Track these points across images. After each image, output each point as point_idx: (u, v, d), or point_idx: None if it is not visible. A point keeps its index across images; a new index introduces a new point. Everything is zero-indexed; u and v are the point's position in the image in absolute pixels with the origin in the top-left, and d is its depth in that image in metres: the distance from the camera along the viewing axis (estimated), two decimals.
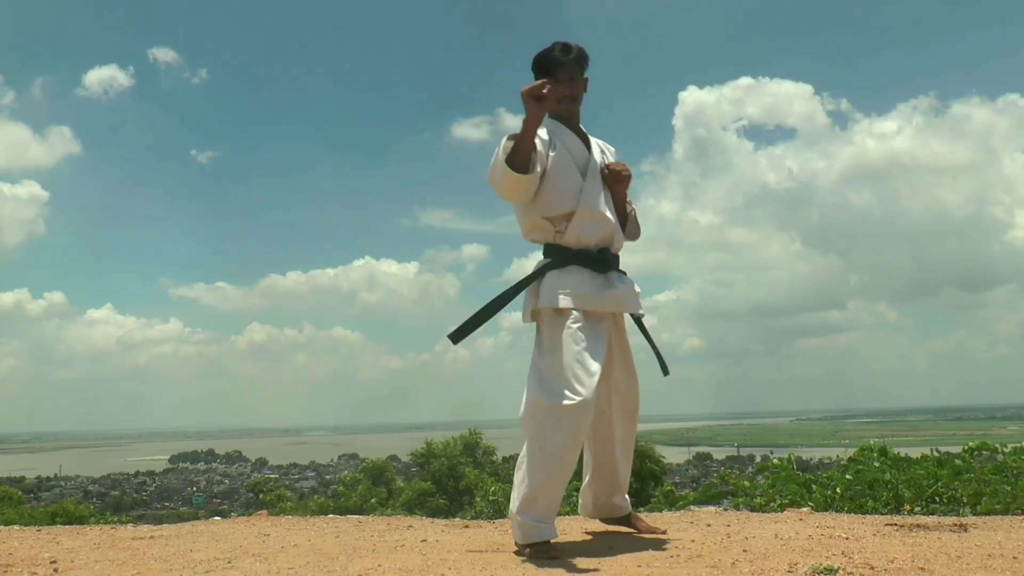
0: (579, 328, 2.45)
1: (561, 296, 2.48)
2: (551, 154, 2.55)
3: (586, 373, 2.38)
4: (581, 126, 2.69)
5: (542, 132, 2.56)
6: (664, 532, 2.76)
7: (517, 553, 2.41)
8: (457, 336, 2.58)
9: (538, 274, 2.57)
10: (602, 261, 2.58)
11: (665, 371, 2.83)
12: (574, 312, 2.48)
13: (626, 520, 2.81)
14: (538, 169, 2.47)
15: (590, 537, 2.73)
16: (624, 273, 2.67)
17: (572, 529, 2.90)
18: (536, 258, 2.68)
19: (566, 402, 2.35)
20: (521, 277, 2.61)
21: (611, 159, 2.72)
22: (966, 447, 4.33)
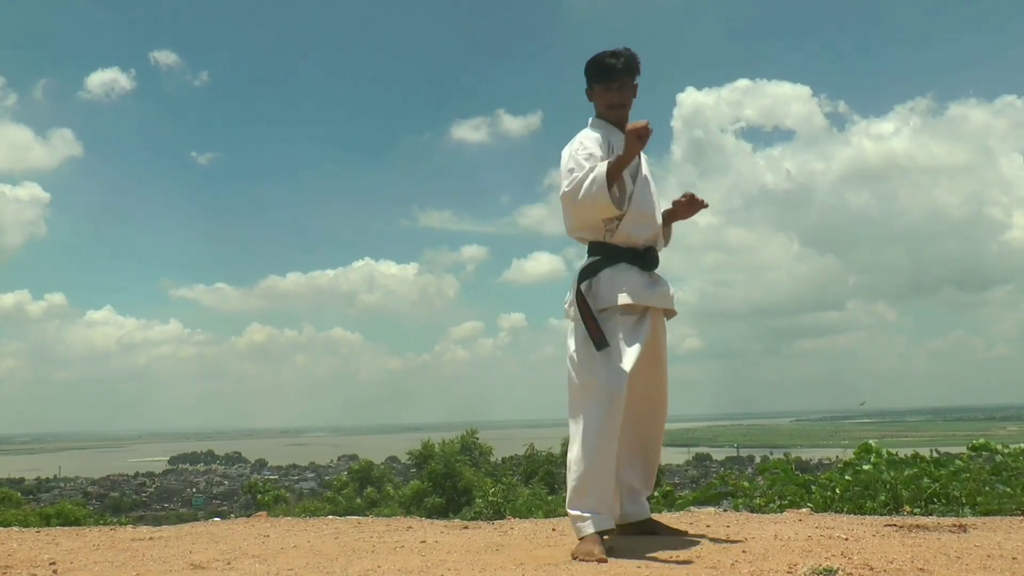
0: (619, 322, 2.52)
1: (617, 292, 2.55)
2: (608, 159, 2.59)
3: (622, 362, 2.45)
4: None
5: (597, 136, 2.64)
6: (686, 533, 2.75)
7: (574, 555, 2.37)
8: (600, 343, 2.53)
9: (591, 271, 2.61)
10: (650, 259, 2.65)
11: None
12: (617, 308, 2.53)
13: (646, 525, 2.77)
14: (624, 207, 2.58)
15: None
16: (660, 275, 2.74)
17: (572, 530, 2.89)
18: (535, 259, 2.74)
19: (602, 392, 2.41)
20: (522, 277, 2.69)
21: (644, 164, 2.74)
22: (970, 445, 4.34)
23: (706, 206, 2.72)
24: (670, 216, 2.79)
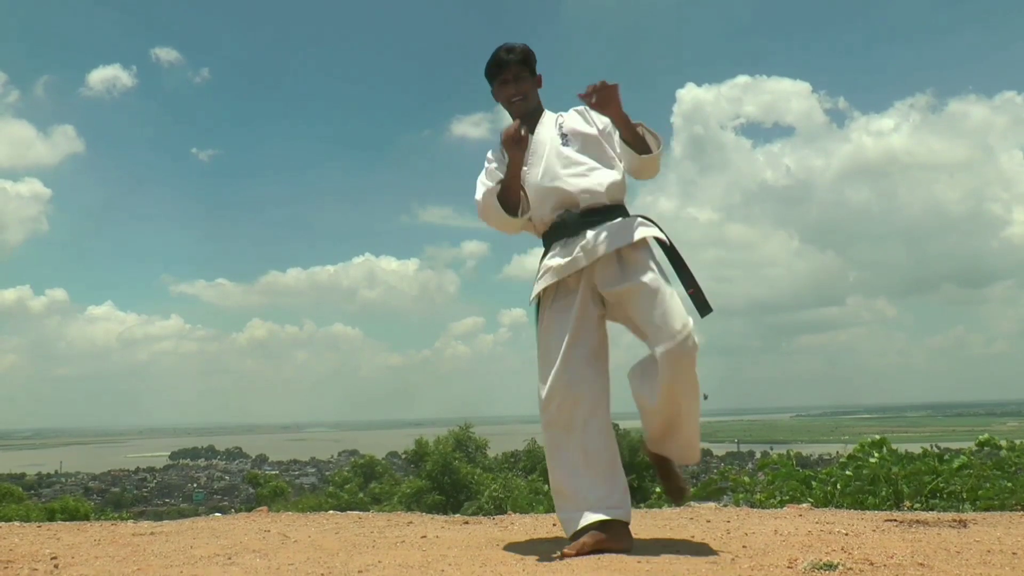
0: (548, 313, 2.49)
1: (536, 283, 2.52)
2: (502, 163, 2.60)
3: (551, 359, 2.41)
4: (548, 111, 2.68)
5: (495, 154, 2.65)
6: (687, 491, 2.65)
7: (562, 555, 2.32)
8: (704, 308, 2.42)
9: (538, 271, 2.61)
10: (565, 226, 2.50)
11: (703, 309, 2.43)
12: (551, 294, 2.50)
13: (666, 464, 2.58)
14: (528, 215, 2.55)
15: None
16: (611, 220, 2.47)
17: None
18: (535, 255, 2.72)
19: (541, 394, 2.43)
20: (522, 273, 2.72)
21: (578, 117, 2.63)
22: (978, 440, 4.35)
23: (606, 89, 2.38)
24: (614, 124, 2.51)
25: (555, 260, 2.47)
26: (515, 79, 2.61)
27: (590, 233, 2.44)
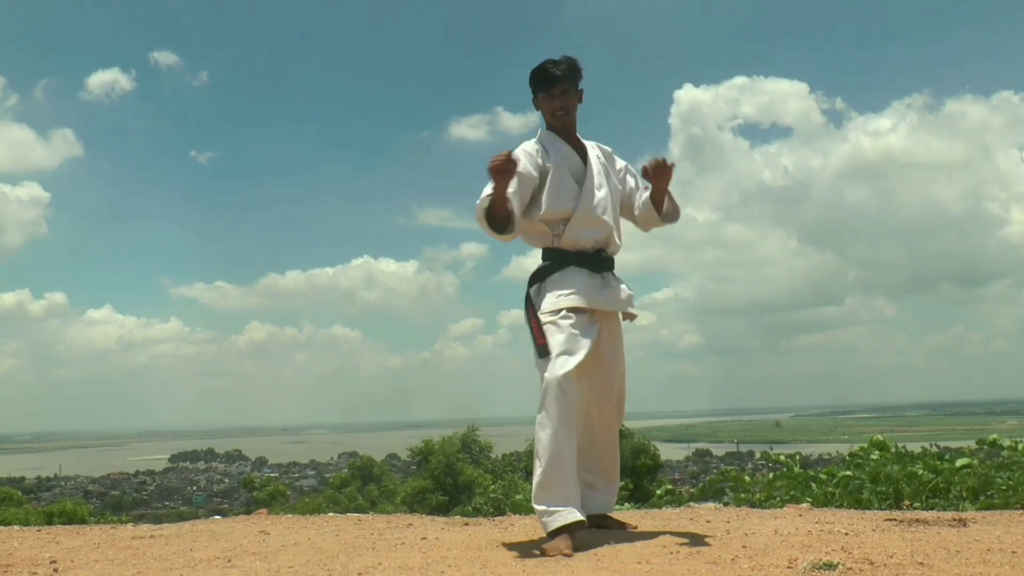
0: (569, 317, 2.56)
1: (561, 296, 2.59)
2: (547, 164, 2.69)
3: (569, 353, 2.49)
4: (579, 135, 2.81)
5: (534, 145, 2.73)
6: (635, 527, 2.79)
7: (540, 551, 2.37)
8: (542, 351, 2.59)
9: (540, 275, 2.70)
10: (599, 261, 2.70)
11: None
12: (568, 311, 2.57)
13: (596, 520, 2.75)
14: (515, 231, 2.65)
15: (590, 532, 2.73)
16: (617, 276, 2.78)
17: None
18: (534, 256, 2.77)
19: (555, 389, 2.44)
20: (521, 275, 2.72)
21: (606, 160, 2.83)
22: (978, 440, 4.35)
23: (670, 164, 2.69)
24: (655, 192, 2.76)
25: (584, 287, 2.61)
26: (562, 94, 2.71)
27: (618, 284, 2.73)
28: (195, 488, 67.04)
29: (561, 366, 2.47)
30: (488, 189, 2.61)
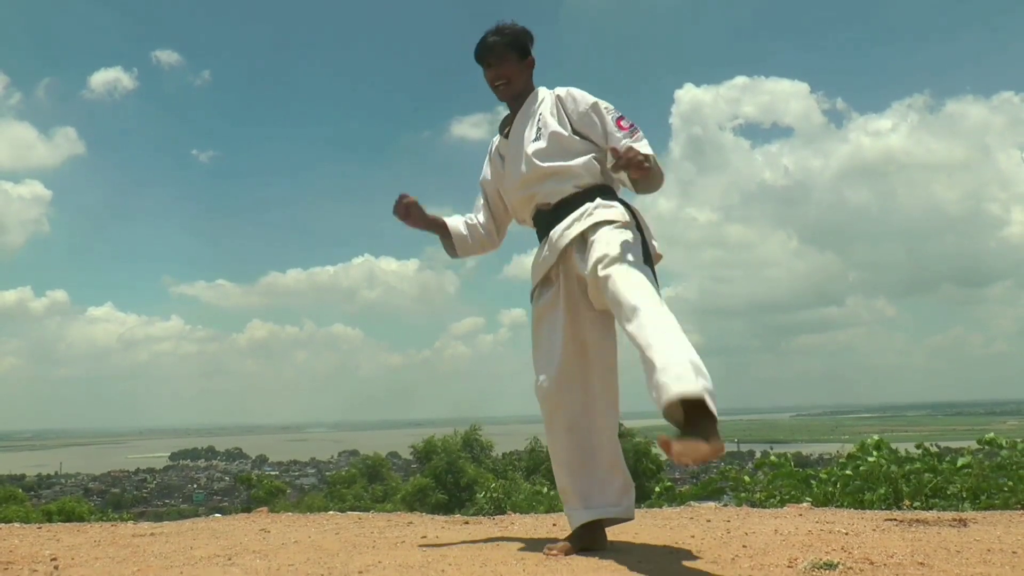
0: (535, 310, 2.47)
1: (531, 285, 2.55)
2: (490, 175, 2.67)
3: (540, 357, 2.41)
4: (539, 89, 2.55)
5: (495, 140, 2.68)
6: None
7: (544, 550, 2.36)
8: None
9: None
10: (541, 226, 2.47)
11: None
12: (537, 294, 2.48)
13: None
14: (463, 255, 2.71)
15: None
16: (580, 208, 2.37)
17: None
18: (535, 255, 2.72)
19: (537, 391, 2.43)
20: (522, 273, 2.71)
21: (555, 105, 2.50)
22: (979, 440, 4.35)
23: (636, 158, 2.18)
24: (633, 182, 2.33)
25: (535, 260, 2.48)
26: (499, 62, 2.49)
27: (556, 227, 2.38)
28: (195, 486, 67.10)
29: (538, 366, 2.42)
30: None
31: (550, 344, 2.38)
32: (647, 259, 2.30)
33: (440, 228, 2.67)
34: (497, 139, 2.67)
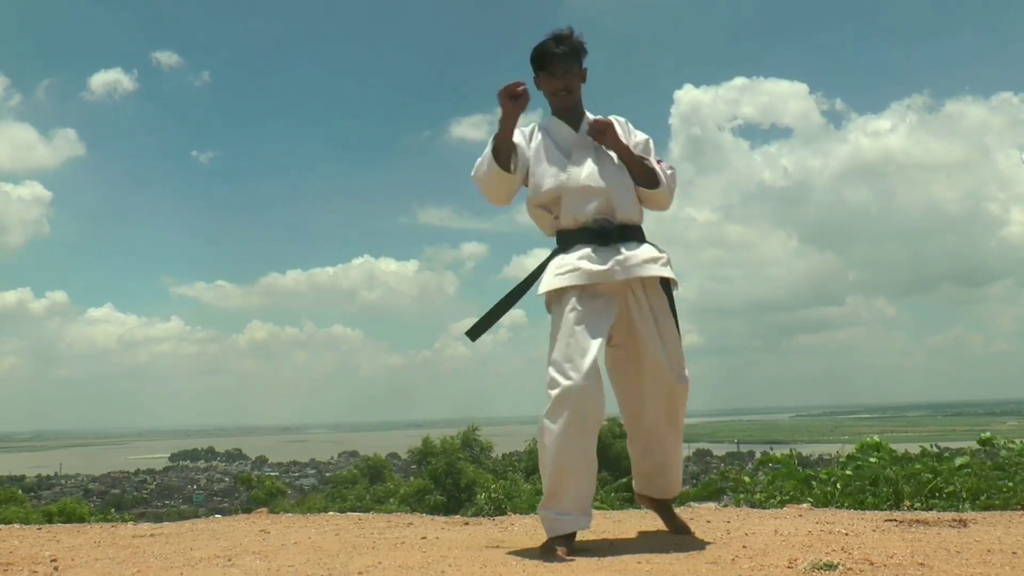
0: (575, 309, 2.40)
1: (557, 277, 2.45)
2: (531, 144, 2.60)
3: (579, 355, 2.33)
4: (587, 111, 2.65)
5: (520, 129, 2.62)
6: (692, 534, 2.64)
7: (540, 552, 2.35)
8: (475, 333, 2.59)
9: (545, 262, 2.56)
10: (602, 233, 2.49)
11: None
12: (575, 293, 2.42)
13: (660, 506, 2.69)
14: (517, 173, 2.55)
15: (591, 532, 2.73)
16: (643, 242, 2.55)
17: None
18: (535, 256, 2.73)
19: (555, 391, 2.31)
20: (522, 274, 2.62)
21: (625, 138, 2.64)
22: (980, 439, 4.35)
23: (603, 123, 2.53)
24: (618, 154, 2.59)
25: (585, 263, 2.43)
26: (564, 73, 2.56)
27: (626, 250, 2.48)
28: (195, 487, 67.05)
29: (564, 371, 2.31)
30: (488, 146, 2.54)
31: (587, 345, 2.35)
32: None
33: (510, 141, 2.56)
34: (551, 122, 2.63)
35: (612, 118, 2.65)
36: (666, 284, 2.56)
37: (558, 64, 2.55)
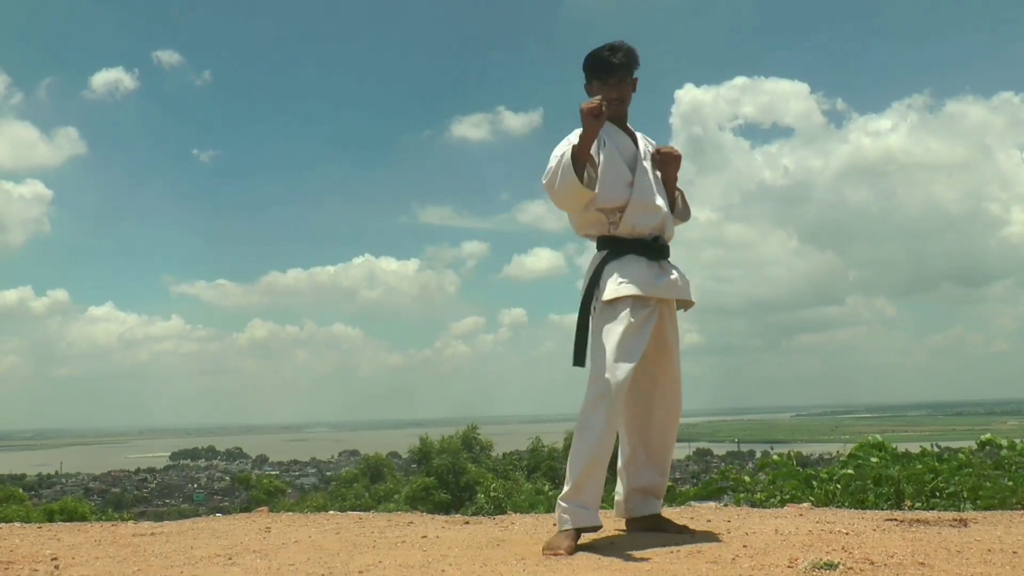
0: (629, 317, 2.52)
1: (622, 284, 2.55)
2: (601, 151, 2.64)
3: (626, 359, 2.47)
4: (629, 124, 2.76)
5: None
6: (691, 531, 2.70)
7: (553, 541, 2.39)
8: (578, 358, 2.61)
9: (599, 268, 2.64)
10: (656, 249, 2.65)
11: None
12: (630, 302, 2.54)
13: (654, 520, 2.76)
14: (596, 187, 2.60)
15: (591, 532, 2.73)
16: (672, 264, 2.73)
17: None
18: (535, 255, 2.76)
19: (604, 389, 2.44)
20: (522, 273, 2.71)
21: (653, 152, 2.79)
22: (979, 440, 4.35)
23: (678, 156, 2.76)
24: (665, 177, 2.77)
25: (645, 274, 2.58)
26: (618, 83, 2.66)
27: (675, 273, 2.69)
28: (196, 486, 67.07)
29: (614, 371, 2.44)
30: (560, 149, 2.57)
31: (635, 353, 2.51)
32: None
33: (589, 155, 2.60)
34: (611, 130, 2.68)
35: (645, 137, 2.79)
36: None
37: (613, 73, 2.64)
